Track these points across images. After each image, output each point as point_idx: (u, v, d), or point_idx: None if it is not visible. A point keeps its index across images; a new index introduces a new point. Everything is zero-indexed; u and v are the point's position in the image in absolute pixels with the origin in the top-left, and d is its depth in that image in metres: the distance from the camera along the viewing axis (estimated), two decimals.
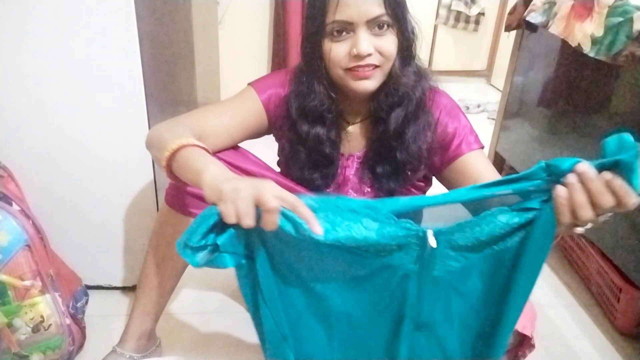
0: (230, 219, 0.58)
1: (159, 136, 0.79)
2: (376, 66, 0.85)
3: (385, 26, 0.83)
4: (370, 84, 0.86)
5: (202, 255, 0.61)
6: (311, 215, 0.61)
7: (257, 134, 0.98)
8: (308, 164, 0.95)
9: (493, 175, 0.90)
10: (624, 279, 1.20)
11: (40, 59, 1.01)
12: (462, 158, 0.92)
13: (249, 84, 0.97)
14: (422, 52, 0.92)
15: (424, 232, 0.64)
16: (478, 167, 0.92)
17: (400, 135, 0.91)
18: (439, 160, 0.95)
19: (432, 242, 0.64)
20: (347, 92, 0.90)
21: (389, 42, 0.84)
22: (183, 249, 0.60)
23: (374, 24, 0.82)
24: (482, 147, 0.95)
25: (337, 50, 0.84)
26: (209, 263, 0.62)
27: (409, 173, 0.95)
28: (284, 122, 0.95)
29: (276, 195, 0.60)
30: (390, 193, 0.97)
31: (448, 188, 0.96)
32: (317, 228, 0.61)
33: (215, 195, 0.61)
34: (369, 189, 0.98)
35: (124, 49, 1.01)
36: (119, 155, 1.11)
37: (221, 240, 0.61)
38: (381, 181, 0.96)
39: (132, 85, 1.05)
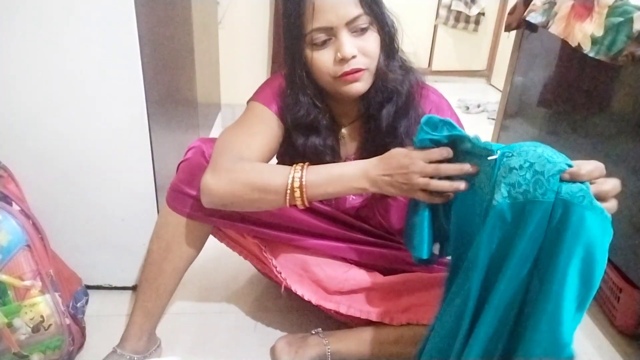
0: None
1: (248, 181, 0.79)
2: (362, 69, 0.84)
3: (365, 25, 0.82)
4: (361, 86, 0.86)
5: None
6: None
7: (280, 143, 0.97)
8: None
9: None
10: (624, 279, 1.20)
11: (40, 59, 1.00)
12: None
13: (254, 100, 0.95)
14: (422, 52, 0.92)
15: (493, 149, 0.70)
16: None
17: (393, 131, 0.91)
18: None
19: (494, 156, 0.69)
20: (337, 95, 0.89)
21: (372, 42, 0.84)
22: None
23: (354, 25, 0.81)
24: None
25: (321, 59, 0.83)
26: None
27: None
28: (286, 141, 0.95)
29: (422, 174, 0.74)
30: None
31: None
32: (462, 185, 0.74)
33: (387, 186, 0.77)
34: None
35: (124, 49, 1.01)
36: (119, 155, 1.11)
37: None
38: None
39: (132, 85, 1.05)
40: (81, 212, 1.17)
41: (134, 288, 1.27)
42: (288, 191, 0.78)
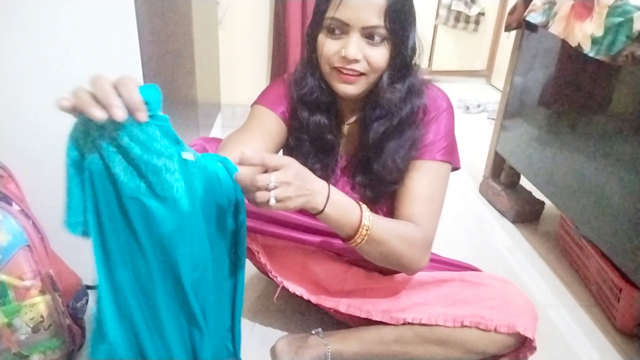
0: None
1: None
2: (362, 73, 0.84)
3: (380, 38, 0.82)
4: (352, 89, 0.86)
5: None
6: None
7: (281, 146, 0.98)
8: (311, 153, 0.96)
9: (425, 194, 0.89)
10: (624, 279, 1.20)
11: (41, 59, 1.00)
12: (417, 162, 0.91)
13: (257, 103, 0.96)
14: (421, 55, 0.92)
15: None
16: (417, 179, 0.90)
17: (378, 148, 0.91)
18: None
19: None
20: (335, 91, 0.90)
21: (379, 55, 0.84)
22: None
23: (369, 33, 0.82)
24: (448, 162, 0.93)
25: (328, 47, 0.84)
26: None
27: (388, 186, 0.93)
28: (292, 117, 0.96)
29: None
30: (371, 202, 0.96)
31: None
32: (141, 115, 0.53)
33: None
34: (355, 195, 0.98)
35: (124, 49, 1.01)
36: None
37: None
38: (360, 190, 0.97)
39: None
40: None
41: None
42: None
